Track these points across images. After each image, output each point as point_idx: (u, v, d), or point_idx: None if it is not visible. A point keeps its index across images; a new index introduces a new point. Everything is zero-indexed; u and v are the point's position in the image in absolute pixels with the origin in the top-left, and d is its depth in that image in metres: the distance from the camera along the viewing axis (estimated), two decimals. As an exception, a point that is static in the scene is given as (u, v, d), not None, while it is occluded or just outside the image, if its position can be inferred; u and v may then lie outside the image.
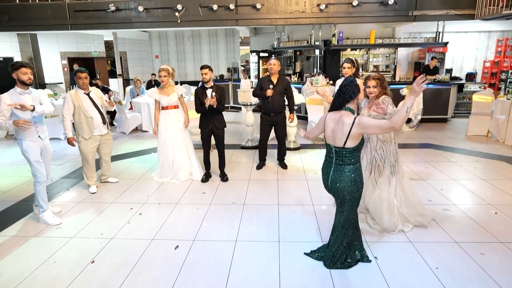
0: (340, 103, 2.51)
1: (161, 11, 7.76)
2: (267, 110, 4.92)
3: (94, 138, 4.30)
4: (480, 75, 10.07)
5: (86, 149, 4.28)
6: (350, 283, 2.56)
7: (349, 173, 2.52)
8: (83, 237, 3.30)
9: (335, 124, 2.48)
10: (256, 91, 4.97)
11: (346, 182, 2.52)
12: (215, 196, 4.20)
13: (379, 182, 3.32)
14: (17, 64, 3.37)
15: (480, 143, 6.57)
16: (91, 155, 4.33)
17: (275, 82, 4.81)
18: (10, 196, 4.31)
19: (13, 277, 2.71)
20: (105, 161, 4.60)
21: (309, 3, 7.49)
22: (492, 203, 3.88)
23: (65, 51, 11.63)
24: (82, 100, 4.15)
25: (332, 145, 2.55)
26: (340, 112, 2.50)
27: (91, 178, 4.41)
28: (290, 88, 4.99)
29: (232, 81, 10.95)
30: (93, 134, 4.27)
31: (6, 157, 6.08)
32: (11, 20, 8.00)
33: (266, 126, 5.01)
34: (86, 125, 4.18)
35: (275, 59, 4.87)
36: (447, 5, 7.37)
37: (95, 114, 4.23)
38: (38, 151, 3.50)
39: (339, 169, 2.54)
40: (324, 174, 2.69)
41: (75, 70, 4.23)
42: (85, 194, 4.33)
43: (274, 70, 4.80)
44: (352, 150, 2.48)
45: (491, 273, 2.64)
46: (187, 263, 2.85)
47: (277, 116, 4.92)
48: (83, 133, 4.21)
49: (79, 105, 4.13)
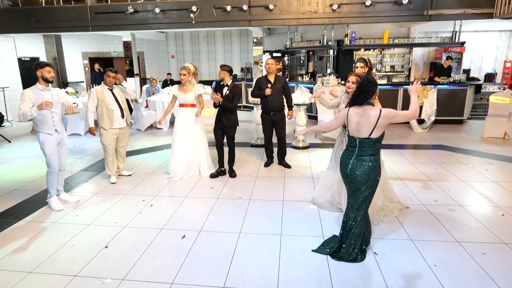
0: (362, 100, 2.70)
1: (176, 13, 8.00)
2: (266, 109, 5.02)
3: (113, 131, 4.61)
4: (500, 75, 9.80)
5: (106, 140, 4.60)
6: (346, 276, 2.64)
7: (369, 163, 2.71)
8: (98, 225, 3.52)
9: (360, 117, 2.68)
10: (254, 91, 5.07)
11: (364, 170, 2.70)
12: (222, 191, 4.36)
13: None
14: (43, 63, 3.72)
15: (495, 145, 6.44)
16: (111, 147, 4.64)
17: (272, 81, 4.92)
18: (35, 186, 4.61)
19: (35, 257, 2.95)
20: (120, 153, 4.87)
21: (322, 3, 7.54)
22: (500, 205, 3.85)
23: (87, 51, 12.11)
24: (105, 94, 4.53)
25: (356, 136, 2.73)
26: (362, 107, 2.70)
27: (112, 169, 4.73)
28: (288, 86, 5.07)
29: (245, 80, 11.11)
30: (113, 127, 4.58)
31: (31, 150, 6.46)
32: (38, 22, 8.44)
33: (267, 125, 5.12)
34: (107, 117, 4.52)
35: (272, 59, 5.00)
36: (464, 4, 7.24)
37: (116, 108, 4.58)
38: (53, 144, 3.80)
39: (360, 159, 2.73)
40: (343, 163, 2.85)
41: (106, 69, 4.63)
42: (102, 186, 4.59)
43: (272, 69, 4.90)
44: (375, 140, 2.69)
45: (490, 272, 2.65)
46: (192, 251, 3.00)
47: (276, 115, 5.01)
48: (104, 125, 4.53)
49: (103, 99, 4.50)
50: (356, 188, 2.78)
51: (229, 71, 4.61)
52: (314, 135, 7.01)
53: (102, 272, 2.73)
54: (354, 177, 2.75)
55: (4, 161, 5.80)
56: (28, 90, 3.67)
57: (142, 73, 12.21)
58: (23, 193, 4.36)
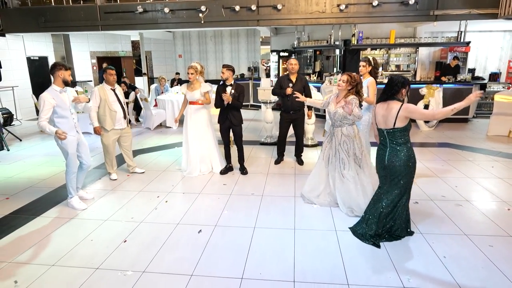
0: (389, 95, 2.93)
1: (185, 12, 8.10)
2: (286, 108, 5.11)
3: (114, 131, 4.67)
4: (504, 75, 9.85)
5: (108, 141, 4.66)
6: (359, 267, 2.75)
7: (404, 154, 2.91)
8: (115, 220, 3.63)
9: (384, 111, 2.94)
10: (275, 90, 5.18)
11: (403, 161, 2.90)
12: (235, 188, 4.46)
13: (346, 175, 3.54)
14: (64, 66, 3.64)
15: (500, 143, 6.51)
16: (111, 147, 4.72)
17: (294, 81, 5.02)
18: (49, 183, 4.73)
19: (57, 251, 3.06)
20: (126, 153, 4.98)
21: (329, 3, 7.62)
22: (506, 200, 3.95)
23: (95, 50, 12.25)
24: (108, 94, 4.53)
25: (384, 128, 2.97)
26: (387, 102, 2.95)
27: (113, 167, 4.84)
28: (308, 87, 5.18)
29: (253, 79, 11.21)
30: (114, 127, 4.63)
31: (42, 148, 6.59)
32: (47, 21, 8.56)
33: (285, 123, 5.22)
34: (109, 118, 4.55)
35: (295, 59, 5.10)
36: (469, 4, 7.30)
37: (118, 109, 4.61)
38: (75, 144, 3.82)
39: (394, 149, 2.94)
40: (379, 157, 3.07)
41: (105, 67, 4.62)
42: (116, 183, 4.70)
43: (294, 69, 5.01)
44: (401, 129, 2.89)
45: (497, 263, 2.75)
46: (209, 245, 3.11)
47: (296, 114, 5.11)
48: (105, 125, 4.57)
49: (105, 99, 4.50)
50: (395, 176, 2.97)
51: (233, 71, 4.72)
52: (323, 133, 7.10)
53: (122, 265, 2.84)
54: (391, 169, 2.95)
55: (16, 159, 5.94)
56: (46, 94, 3.55)
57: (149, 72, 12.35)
58: (39, 190, 4.47)
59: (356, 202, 3.52)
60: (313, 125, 6.30)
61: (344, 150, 3.54)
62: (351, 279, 2.60)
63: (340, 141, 3.57)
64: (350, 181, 3.53)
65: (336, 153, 3.60)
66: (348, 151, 3.53)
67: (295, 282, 2.58)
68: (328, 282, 2.58)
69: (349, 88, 3.48)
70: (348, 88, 3.48)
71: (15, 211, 3.89)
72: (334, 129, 3.65)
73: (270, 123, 6.60)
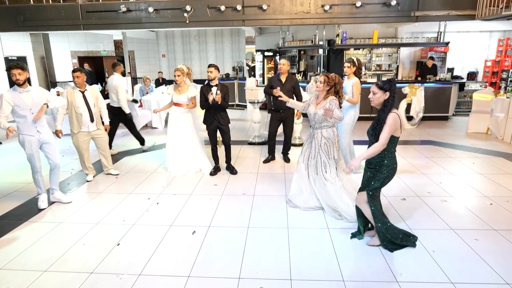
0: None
1: (170, 12, 8.02)
2: (276, 107, 5.19)
3: (82, 134, 4.62)
4: (481, 74, 10.25)
5: (77, 142, 4.64)
6: (354, 264, 2.82)
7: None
8: (107, 223, 3.58)
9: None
10: (266, 89, 5.29)
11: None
12: (226, 188, 4.47)
13: (328, 178, 3.53)
14: (8, 66, 3.70)
15: (479, 140, 6.79)
16: (82, 148, 4.66)
17: (283, 81, 5.08)
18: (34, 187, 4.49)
19: (48, 256, 2.99)
20: (102, 154, 4.93)
21: (314, 4, 7.72)
22: (488, 195, 4.13)
23: (76, 50, 11.94)
24: (75, 97, 4.48)
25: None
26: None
27: (87, 168, 4.82)
28: (298, 86, 5.25)
29: (238, 79, 11.20)
30: (81, 130, 4.59)
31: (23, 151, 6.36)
32: (26, 20, 8.28)
33: (275, 122, 5.31)
34: (75, 120, 4.53)
35: (285, 59, 5.19)
36: (448, 5, 7.57)
37: (85, 112, 4.54)
38: (34, 144, 3.81)
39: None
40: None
41: (72, 70, 4.55)
42: (104, 186, 4.62)
43: (283, 70, 5.09)
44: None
45: (482, 255, 2.89)
46: (204, 246, 3.11)
47: (286, 113, 5.19)
48: (72, 127, 4.56)
49: (72, 101, 4.46)
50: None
51: (218, 71, 4.73)
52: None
53: (117, 269, 2.80)
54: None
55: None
56: (6, 94, 3.62)
57: (132, 72, 12.14)
58: (24, 195, 4.34)
59: (339, 204, 3.49)
60: (300, 124, 6.38)
61: (325, 152, 3.54)
62: (346, 275, 2.67)
63: (321, 143, 3.55)
64: (332, 183, 3.51)
65: (316, 155, 3.59)
66: (328, 154, 3.54)
67: (292, 280, 2.63)
68: (324, 279, 2.64)
69: (327, 89, 3.46)
70: (327, 89, 3.46)
71: (1, 216, 3.77)
72: (314, 131, 3.62)
73: (258, 123, 6.64)
